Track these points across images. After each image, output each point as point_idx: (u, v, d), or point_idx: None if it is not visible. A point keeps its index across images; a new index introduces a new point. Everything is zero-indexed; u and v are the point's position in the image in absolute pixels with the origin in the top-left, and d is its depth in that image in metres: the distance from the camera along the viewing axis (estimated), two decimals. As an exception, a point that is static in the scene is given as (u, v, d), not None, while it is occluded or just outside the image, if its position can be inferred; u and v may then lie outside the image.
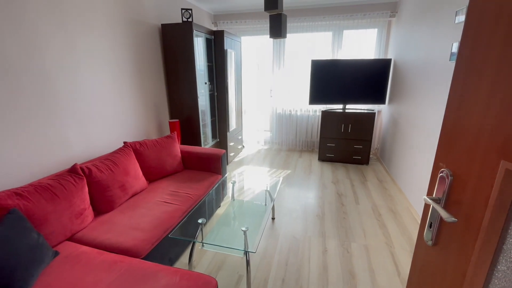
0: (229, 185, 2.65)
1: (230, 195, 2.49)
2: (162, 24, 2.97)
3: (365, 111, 3.89)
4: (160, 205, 1.99)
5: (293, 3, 3.89)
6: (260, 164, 4.02)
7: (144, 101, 2.84)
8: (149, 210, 1.92)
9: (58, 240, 1.54)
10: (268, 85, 4.55)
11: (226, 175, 2.79)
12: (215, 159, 2.65)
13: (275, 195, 2.42)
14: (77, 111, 2.06)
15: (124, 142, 2.28)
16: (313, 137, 4.64)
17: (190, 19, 2.96)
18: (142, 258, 1.55)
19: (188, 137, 3.34)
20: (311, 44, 4.21)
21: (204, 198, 2.28)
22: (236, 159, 4.25)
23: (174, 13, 3.30)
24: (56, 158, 1.91)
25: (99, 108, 2.27)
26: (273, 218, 2.56)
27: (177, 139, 2.71)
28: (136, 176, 2.17)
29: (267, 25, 4.25)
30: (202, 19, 4.10)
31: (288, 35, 4.24)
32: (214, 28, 4.50)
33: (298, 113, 4.55)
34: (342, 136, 3.92)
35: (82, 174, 1.77)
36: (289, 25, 4.13)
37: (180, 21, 3.31)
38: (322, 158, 4.11)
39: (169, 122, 3.05)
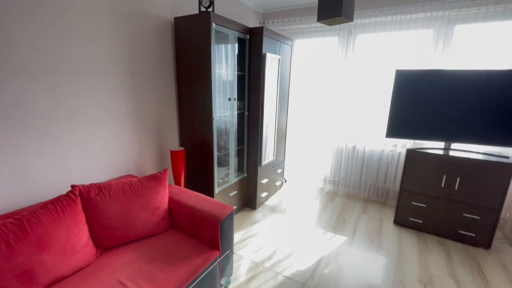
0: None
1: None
2: (175, 18, 2.18)
3: (489, 157, 2.28)
4: (73, 322, 1.07)
5: (372, -13, 2.66)
6: (300, 215, 2.81)
7: (141, 123, 2.07)
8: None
9: None
10: (327, 104, 3.34)
11: (228, 253, 1.72)
12: (211, 224, 1.63)
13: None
14: (13, 131, 1.36)
15: (72, 186, 1.48)
16: (388, 184, 3.16)
17: (210, 9, 2.08)
18: None
19: (198, 174, 2.43)
20: (395, 48, 2.84)
21: (169, 305, 1.27)
22: (269, 202, 3.14)
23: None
24: None
25: (59, 130, 1.56)
26: None
27: (166, 181, 1.81)
28: (67, 249, 1.32)
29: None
30: (246, 18, 3.23)
31: (359, 36, 2.99)
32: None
33: (367, 146, 3.16)
34: (442, 193, 2.38)
35: None
36: (362, 21, 2.87)
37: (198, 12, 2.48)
38: (402, 222, 2.63)
39: (171, 151, 2.20)
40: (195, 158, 2.41)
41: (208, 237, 1.66)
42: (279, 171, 3.37)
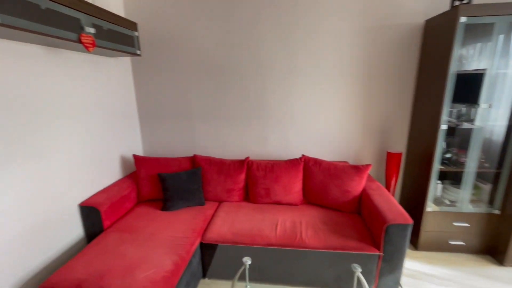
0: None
1: None
2: (426, 20, 2.12)
3: None
4: (272, 227, 1.94)
5: None
6: None
7: (368, 120, 2.42)
8: (267, 220, 1.98)
9: (210, 198, 2.32)
10: None
11: (390, 260, 1.63)
12: (379, 223, 1.68)
13: None
14: (284, 119, 2.52)
15: (302, 155, 2.33)
16: None
17: (465, 1, 1.77)
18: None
19: (414, 182, 2.24)
20: None
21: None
22: (549, 274, 1.92)
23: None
24: (255, 151, 2.61)
25: (307, 120, 2.50)
26: None
27: (364, 173, 2.06)
28: (287, 188, 2.21)
29: None
30: None
31: None
32: None
33: None
34: None
35: (245, 166, 2.31)
36: None
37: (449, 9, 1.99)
38: None
39: (388, 152, 2.30)
40: (415, 165, 2.26)
41: (375, 234, 1.74)
42: None
